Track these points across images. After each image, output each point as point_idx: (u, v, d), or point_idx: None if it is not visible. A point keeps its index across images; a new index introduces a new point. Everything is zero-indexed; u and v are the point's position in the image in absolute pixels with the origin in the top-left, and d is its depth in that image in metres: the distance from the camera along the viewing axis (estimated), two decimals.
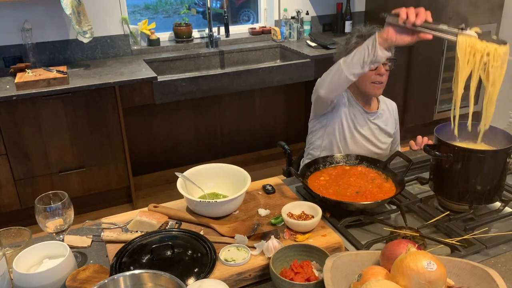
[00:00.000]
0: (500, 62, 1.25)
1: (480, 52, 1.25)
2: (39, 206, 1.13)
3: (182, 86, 2.89)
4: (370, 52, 1.45)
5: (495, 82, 1.27)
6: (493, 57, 1.25)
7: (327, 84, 1.62)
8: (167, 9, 7.54)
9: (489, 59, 1.25)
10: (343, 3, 3.80)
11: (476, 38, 1.26)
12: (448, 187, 1.37)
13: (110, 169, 2.91)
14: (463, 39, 1.27)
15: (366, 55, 1.46)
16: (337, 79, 1.57)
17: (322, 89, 1.64)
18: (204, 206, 1.31)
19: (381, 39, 1.41)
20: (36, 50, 2.96)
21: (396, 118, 2.03)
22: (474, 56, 1.26)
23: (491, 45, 1.25)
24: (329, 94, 1.64)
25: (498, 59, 1.25)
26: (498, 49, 1.24)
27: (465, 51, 1.26)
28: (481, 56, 1.25)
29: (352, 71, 1.52)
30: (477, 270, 1.00)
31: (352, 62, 1.51)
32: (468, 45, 1.26)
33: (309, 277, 1.04)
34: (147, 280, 0.97)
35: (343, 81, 1.57)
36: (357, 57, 1.49)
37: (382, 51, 1.43)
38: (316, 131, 1.94)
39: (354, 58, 1.50)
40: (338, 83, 1.58)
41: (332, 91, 1.63)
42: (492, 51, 1.24)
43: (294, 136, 4.01)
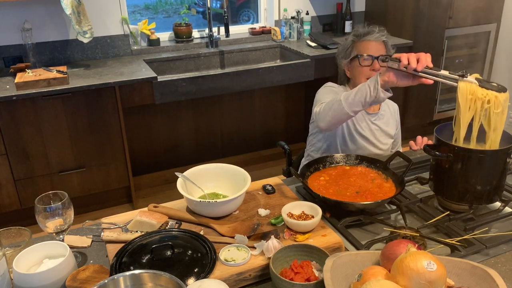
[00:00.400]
0: (501, 109, 1.27)
1: (481, 99, 1.27)
2: (39, 206, 1.13)
3: (182, 86, 2.89)
4: (372, 93, 1.46)
5: (497, 128, 1.30)
6: (494, 104, 1.27)
7: (329, 119, 1.64)
8: (167, 9, 7.54)
9: (490, 107, 1.27)
10: (343, 3, 3.80)
11: (476, 85, 1.28)
12: (448, 187, 1.37)
13: (110, 169, 2.91)
14: (464, 86, 1.29)
15: (368, 96, 1.48)
16: (339, 115, 1.59)
17: (322, 123, 1.67)
18: (204, 206, 1.31)
19: (382, 81, 1.43)
20: (36, 50, 2.96)
21: (398, 119, 2.03)
22: (475, 103, 1.28)
23: (491, 93, 1.27)
24: (329, 127, 1.67)
25: (499, 106, 1.27)
26: (498, 96, 1.27)
27: (466, 97, 1.29)
28: (482, 103, 1.27)
29: (353, 109, 1.54)
30: (477, 270, 1.00)
31: (354, 101, 1.52)
32: (469, 92, 1.29)
33: (309, 277, 1.04)
34: (147, 280, 0.97)
35: (344, 117, 1.59)
36: (359, 97, 1.51)
37: (384, 93, 1.45)
38: (316, 134, 1.94)
39: (356, 98, 1.52)
40: (339, 119, 1.61)
41: (333, 125, 1.66)
42: (492, 98, 1.27)
43: (294, 136, 4.01)
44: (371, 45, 1.82)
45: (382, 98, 1.46)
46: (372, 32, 1.83)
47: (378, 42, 1.83)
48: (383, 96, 1.45)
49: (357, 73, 1.83)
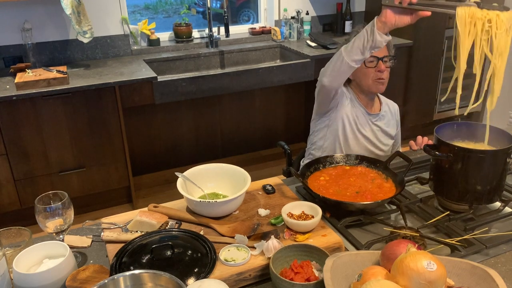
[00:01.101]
0: (504, 28, 1.18)
1: (481, 20, 1.19)
2: (39, 206, 1.13)
3: (182, 86, 2.89)
4: (369, 37, 1.44)
5: (502, 52, 1.20)
6: (496, 24, 1.18)
7: (330, 72, 1.62)
8: (167, 9, 7.54)
9: (491, 27, 1.18)
10: (343, 3, 3.80)
11: (475, 7, 1.21)
12: (448, 187, 1.37)
13: (110, 169, 2.91)
14: (462, 10, 1.22)
15: (366, 41, 1.46)
16: (339, 66, 1.57)
17: (325, 77, 1.65)
18: (204, 206, 1.31)
19: (380, 23, 1.41)
20: (36, 50, 2.96)
21: (398, 119, 2.03)
22: (475, 25, 1.20)
23: (492, 12, 1.19)
24: (332, 82, 1.64)
25: (502, 26, 1.18)
26: (500, 15, 1.18)
27: (465, 21, 1.21)
28: (483, 24, 1.19)
29: (352, 57, 1.52)
30: (477, 270, 1.00)
31: (353, 48, 1.51)
32: (467, 15, 1.21)
33: (309, 277, 1.04)
34: (147, 280, 0.97)
35: (345, 68, 1.57)
36: (357, 43, 1.49)
37: (381, 35, 1.42)
38: (318, 132, 1.94)
39: (354, 45, 1.50)
40: (340, 71, 1.59)
41: (334, 79, 1.63)
42: (494, 17, 1.18)
43: (294, 136, 4.01)
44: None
45: (379, 41, 1.43)
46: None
47: None
48: (380, 39, 1.42)
49: (362, 74, 1.82)
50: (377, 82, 1.82)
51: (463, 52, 1.22)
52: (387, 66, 1.82)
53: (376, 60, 1.79)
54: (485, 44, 1.20)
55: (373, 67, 1.79)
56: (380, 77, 1.81)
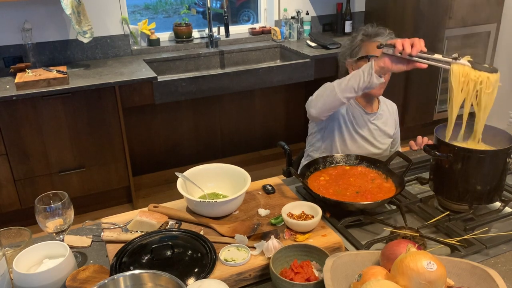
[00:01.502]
0: (491, 89, 1.30)
1: (474, 81, 1.30)
2: (39, 206, 1.13)
3: (182, 86, 2.89)
4: (366, 78, 1.48)
5: (487, 107, 1.33)
6: (486, 85, 1.30)
7: (320, 106, 1.64)
8: (167, 9, 7.54)
9: (481, 88, 1.30)
10: (343, 3, 3.80)
11: (469, 67, 1.31)
12: (448, 187, 1.37)
13: (110, 169, 2.91)
14: (457, 68, 1.31)
15: (362, 81, 1.49)
16: (331, 101, 1.60)
17: (314, 109, 1.67)
18: (204, 206, 1.31)
19: (377, 67, 1.45)
20: (36, 50, 2.96)
21: (396, 119, 2.03)
22: (468, 84, 1.31)
23: (483, 74, 1.30)
24: (320, 114, 1.67)
25: (490, 87, 1.30)
26: (490, 77, 1.29)
27: (459, 80, 1.31)
28: (474, 85, 1.30)
29: (345, 95, 1.55)
30: (477, 270, 1.00)
31: (347, 86, 1.53)
32: (461, 74, 1.31)
33: (309, 277, 1.04)
34: (147, 280, 0.97)
35: (336, 104, 1.60)
36: (352, 83, 1.52)
37: (377, 78, 1.46)
38: (315, 133, 1.94)
39: (349, 83, 1.53)
40: (331, 106, 1.61)
41: (324, 112, 1.66)
42: (484, 79, 1.29)
43: (294, 136, 4.01)
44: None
45: (375, 84, 1.47)
46: (382, 34, 1.80)
47: None
48: (376, 81, 1.46)
49: None
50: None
51: (456, 105, 1.34)
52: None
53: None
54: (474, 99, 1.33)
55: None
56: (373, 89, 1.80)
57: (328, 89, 1.59)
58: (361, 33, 1.84)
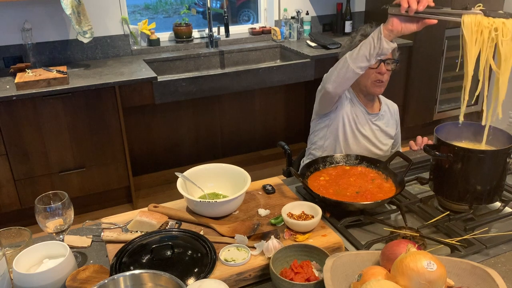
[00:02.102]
0: (510, 36, 1.20)
1: (488, 28, 1.21)
2: (39, 206, 1.13)
3: (182, 86, 2.89)
4: (376, 44, 1.44)
5: (507, 58, 1.23)
6: (502, 32, 1.20)
7: (334, 79, 1.62)
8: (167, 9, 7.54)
9: (497, 35, 1.20)
10: (343, 3, 3.80)
11: (481, 15, 1.22)
12: (448, 187, 1.37)
13: (110, 169, 2.91)
14: (469, 18, 1.23)
15: (372, 48, 1.46)
16: (344, 73, 1.57)
17: (329, 84, 1.64)
18: (204, 206, 1.31)
19: (386, 31, 1.41)
20: (36, 50, 2.96)
21: (397, 119, 2.03)
22: (482, 33, 1.22)
23: (498, 20, 1.20)
24: (336, 89, 1.64)
25: (508, 33, 1.20)
26: (506, 23, 1.20)
27: (471, 30, 1.22)
28: (489, 32, 1.21)
29: (358, 64, 1.52)
30: (477, 270, 1.00)
31: (358, 55, 1.51)
32: (474, 23, 1.22)
33: (309, 277, 1.04)
34: (147, 280, 0.97)
35: (350, 75, 1.57)
36: (363, 50, 1.49)
37: (387, 42, 1.43)
38: (318, 131, 1.94)
39: (360, 52, 1.50)
40: (345, 77, 1.59)
41: (339, 86, 1.63)
42: (500, 26, 1.20)
43: (294, 136, 4.01)
44: None
45: (386, 48, 1.44)
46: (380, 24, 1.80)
47: None
48: (386, 46, 1.43)
49: (362, 74, 1.82)
50: (376, 84, 1.82)
51: (471, 59, 1.24)
52: (388, 69, 1.81)
53: (378, 61, 1.78)
54: (490, 51, 1.23)
55: (374, 68, 1.79)
56: (380, 79, 1.80)
57: (341, 61, 1.57)
58: (359, 34, 1.83)
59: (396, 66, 1.83)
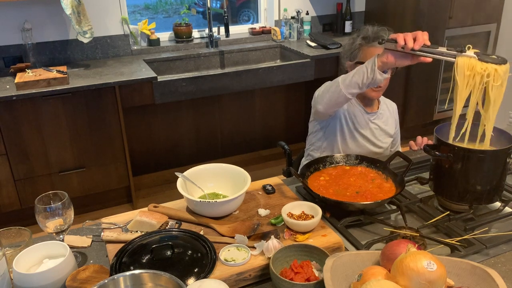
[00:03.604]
0: (500, 82, 1.23)
1: (480, 73, 1.23)
2: (39, 206, 1.13)
3: (182, 86, 2.89)
4: (369, 75, 1.47)
5: (496, 101, 1.26)
6: (493, 77, 1.22)
7: (326, 101, 1.65)
8: (167, 9, 7.54)
9: (489, 81, 1.23)
10: (343, 3, 3.80)
11: (475, 59, 1.23)
12: (448, 187, 1.37)
13: (110, 169, 2.91)
14: (462, 61, 1.25)
15: (365, 78, 1.48)
16: (336, 97, 1.60)
17: (320, 105, 1.68)
18: (204, 206, 1.31)
19: (380, 63, 1.43)
20: (36, 50, 2.96)
21: (396, 118, 2.03)
22: (474, 78, 1.24)
23: (490, 66, 1.22)
24: (327, 110, 1.68)
25: (498, 79, 1.22)
26: (498, 69, 1.22)
27: (464, 73, 1.25)
28: (481, 77, 1.23)
29: (350, 91, 1.55)
30: (477, 270, 1.00)
31: (351, 82, 1.53)
32: (467, 67, 1.24)
33: (309, 277, 1.04)
34: (147, 280, 0.97)
35: (341, 100, 1.60)
36: (356, 78, 1.51)
37: (380, 74, 1.45)
38: (316, 132, 1.94)
39: (353, 79, 1.52)
40: (337, 101, 1.62)
41: (330, 108, 1.67)
42: (492, 72, 1.22)
43: (294, 136, 4.01)
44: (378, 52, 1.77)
45: (379, 79, 1.45)
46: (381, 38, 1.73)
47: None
48: (380, 77, 1.44)
49: None
50: (373, 89, 1.82)
51: (460, 101, 1.28)
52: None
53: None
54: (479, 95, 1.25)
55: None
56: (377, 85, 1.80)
57: (334, 85, 1.59)
58: (360, 37, 1.82)
59: (395, 70, 1.82)
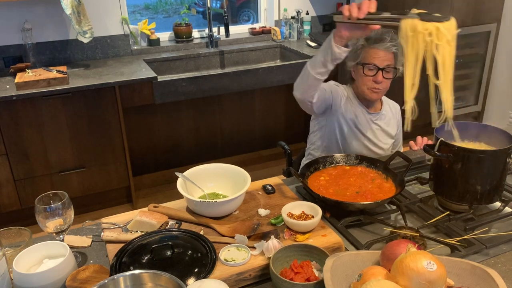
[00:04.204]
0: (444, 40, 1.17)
1: (421, 33, 1.18)
2: (39, 206, 1.13)
3: (182, 86, 2.89)
4: (327, 50, 1.47)
5: (445, 63, 1.20)
6: (436, 36, 1.17)
7: (300, 86, 1.65)
8: (167, 9, 7.54)
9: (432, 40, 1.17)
10: (343, 3, 3.80)
11: (418, 20, 1.18)
12: (448, 187, 1.37)
13: (110, 169, 2.91)
14: (405, 23, 1.20)
15: (325, 54, 1.49)
16: (306, 80, 1.60)
17: (296, 91, 1.68)
18: (204, 206, 1.31)
19: (336, 37, 1.44)
20: (36, 50, 2.96)
21: (399, 119, 2.02)
22: (417, 39, 1.19)
23: (432, 25, 1.17)
24: (303, 95, 1.67)
25: (442, 38, 1.17)
26: (440, 27, 1.16)
27: (406, 35, 1.20)
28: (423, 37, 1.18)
29: (317, 70, 1.55)
30: (477, 270, 1.00)
31: (316, 62, 1.54)
32: (409, 28, 1.19)
33: (309, 277, 1.04)
34: (147, 280, 0.97)
35: (312, 82, 1.59)
36: (319, 57, 1.52)
37: (338, 47, 1.45)
38: (316, 132, 1.94)
39: (317, 58, 1.53)
40: (309, 84, 1.61)
41: (305, 92, 1.66)
42: (434, 30, 1.17)
43: (294, 136, 4.01)
44: (379, 54, 1.76)
45: (338, 53, 1.46)
46: (384, 40, 1.75)
47: (387, 52, 1.75)
48: (337, 51, 1.45)
49: (359, 79, 1.82)
50: (372, 91, 1.80)
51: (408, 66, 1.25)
52: (387, 77, 1.78)
53: (375, 69, 1.75)
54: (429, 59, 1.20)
55: (371, 75, 1.77)
56: (376, 87, 1.79)
57: (304, 69, 1.61)
58: (363, 37, 1.82)
59: (396, 73, 1.80)
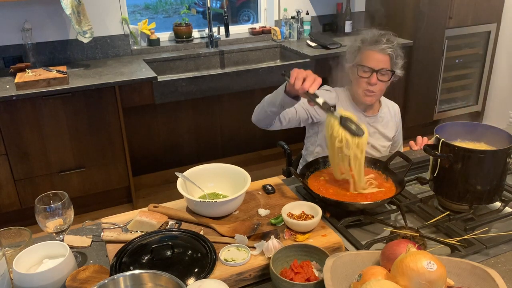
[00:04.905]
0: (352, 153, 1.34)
1: (335, 137, 1.35)
2: (39, 206, 1.13)
3: (182, 86, 2.89)
4: (278, 97, 1.51)
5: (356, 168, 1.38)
6: (345, 145, 1.34)
7: (256, 114, 1.70)
8: (167, 9, 7.54)
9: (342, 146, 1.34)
10: (343, 3, 3.80)
11: (337, 122, 1.34)
12: (448, 187, 1.37)
13: (110, 169, 2.91)
14: (328, 119, 1.37)
15: (278, 98, 1.51)
16: (262, 112, 1.64)
17: (254, 116, 1.72)
18: (204, 206, 1.31)
19: (289, 87, 1.45)
20: (36, 50, 2.96)
21: (398, 121, 2.00)
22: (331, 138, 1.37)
23: (344, 133, 1.34)
24: (258, 122, 1.71)
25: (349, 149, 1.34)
26: (349, 140, 1.33)
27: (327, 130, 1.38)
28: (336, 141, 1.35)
29: (270, 108, 1.58)
30: (477, 270, 1.00)
31: (270, 100, 1.58)
32: (330, 126, 1.37)
33: (309, 277, 1.04)
34: (147, 280, 0.97)
35: (266, 116, 1.63)
36: (272, 98, 1.56)
37: (289, 99, 1.47)
38: (310, 137, 1.94)
39: (271, 98, 1.57)
40: (263, 116, 1.65)
41: (259, 121, 1.70)
42: (344, 140, 1.34)
43: (294, 136, 3.99)
44: (375, 56, 1.74)
45: (286, 102, 1.49)
46: (379, 42, 1.73)
47: (383, 54, 1.73)
48: (286, 100, 1.48)
49: (355, 81, 1.80)
50: (366, 94, 1.78)
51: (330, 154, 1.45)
52: (382, 80, 1.76)
53: (370, 71, 1.73)
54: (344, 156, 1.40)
55: (366, 77, 1.75)
56: (370, 89, 1.76)
57: (263, 101, 1.64)
58: (359, 39, 1.80)
59: (391, 76, 1.78)
